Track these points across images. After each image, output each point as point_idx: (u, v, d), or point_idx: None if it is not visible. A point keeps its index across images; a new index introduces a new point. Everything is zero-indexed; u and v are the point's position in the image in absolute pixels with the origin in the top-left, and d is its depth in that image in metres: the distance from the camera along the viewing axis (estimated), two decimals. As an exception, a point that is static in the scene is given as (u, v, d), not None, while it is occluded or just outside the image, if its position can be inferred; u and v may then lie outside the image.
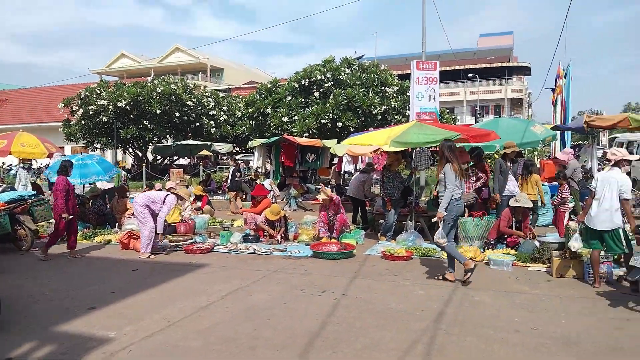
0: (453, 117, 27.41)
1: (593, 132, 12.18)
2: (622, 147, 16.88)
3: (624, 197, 5.80)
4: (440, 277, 6.39)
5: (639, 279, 5.09)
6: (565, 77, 16.85)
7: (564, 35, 32.29)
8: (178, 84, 25.54)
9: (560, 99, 17.31)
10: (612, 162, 6.18)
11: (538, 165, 12.76)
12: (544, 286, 6.08)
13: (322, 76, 20.43)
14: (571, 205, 10.70)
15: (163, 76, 27.52)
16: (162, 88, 24.39)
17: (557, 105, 17.77)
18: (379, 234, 9.54)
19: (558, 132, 13.78)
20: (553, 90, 19.03)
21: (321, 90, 20.46)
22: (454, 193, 6.15)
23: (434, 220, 7.04)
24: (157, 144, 24.43)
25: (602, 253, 6.18)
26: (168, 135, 26.19)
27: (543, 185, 9.82)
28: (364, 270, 6.96)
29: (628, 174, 6.80)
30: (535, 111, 58.43)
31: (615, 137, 20.45)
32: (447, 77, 49.50)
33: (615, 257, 6.56)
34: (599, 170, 9.42)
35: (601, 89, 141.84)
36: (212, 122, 26.99)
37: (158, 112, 23.85)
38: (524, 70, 55.58)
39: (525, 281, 6.31)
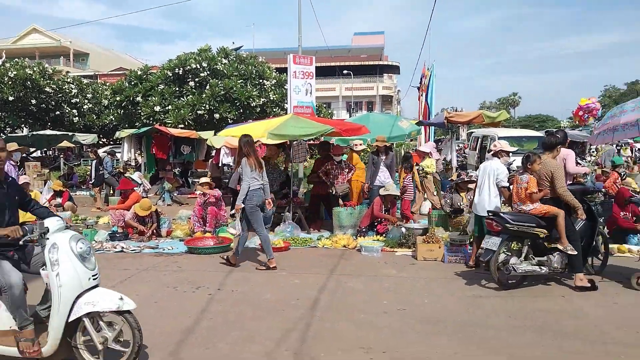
0: (330, 111, 28.27)
1: (453, 127, 13.32)
2: (477, 141, 18.81)
3: (501, 184, 6.42)
4: (264, 267, 6.58)
5: (490, 259, 5.62)
6: (429, 76, 18.21)
7: (428, 38, 34.86)
8: (35, 69, 23.04)
9: (424, 97, 18.68)
10: (492, 153, 6.78)
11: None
12: (409, 269, 6.51)
13: (198, 65, 19.77)
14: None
15: (16, 59, 24.59)
16: (15, 72, 21.81)
17: (422, 102, 19.14)
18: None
19: (422, 127, 14.83)
20: (419, 88, 20.47)
21: (197, 79, 19.79)
22: (251, 185, 6.41)
23: (231, 212, 7.34)
24: (10, 134, 21.80)
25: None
26: (23, 125, 23.50)
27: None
28: (241, 263, 6.87)
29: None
30: (403, 107, 62.63)
31: (472, 132, 22.60)
32: (323, 72, 50.82)
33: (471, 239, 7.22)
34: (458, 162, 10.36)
35: (462, 88, 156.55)
36: (74, 111, 24.78)
37: (10, 98, 21.30)
38: (394, 69, 59.13)
39: (393, 265, 6.70)
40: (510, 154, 6.82)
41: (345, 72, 49.41)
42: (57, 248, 3.46)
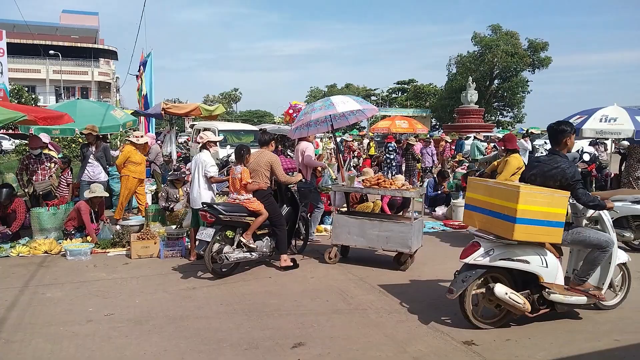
0: (34, 96, 24.45)
1: (172, 119, 13.11)
2: (199, 132, 19.04)
3: (208, 175, 6.47)
4: None
5: (204, 250, 5.70)
6: (146, 65, 17.51)
7: (146, 24, 33.54)
8: None
9: (143, 86, 17.90)
10: (201, 145, 6.75)
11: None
12: (122, 270, 6.11)
13: None
14: (154, 187, 11.23)
15: None
16: None
17: (140, 91, 18.31)
18: None
19: (140, 118, 14.17)
20: (137, 77, 19.50)
21: None
22: None
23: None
24: None
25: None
26: None
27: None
28: None
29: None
30: (124, 96, 58.85)
31: (194, 125, 22.82)
32: (24, 51, 43.75)
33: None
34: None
35: (186, 80, 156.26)
36: None
37: None
38: (111, 54, 54.94)
39: (104, 267, 6.18)
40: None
41: (52, 52, 43.43)
42: None
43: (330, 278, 5.83)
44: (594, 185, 11.95)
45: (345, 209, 7.54)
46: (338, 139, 21.49)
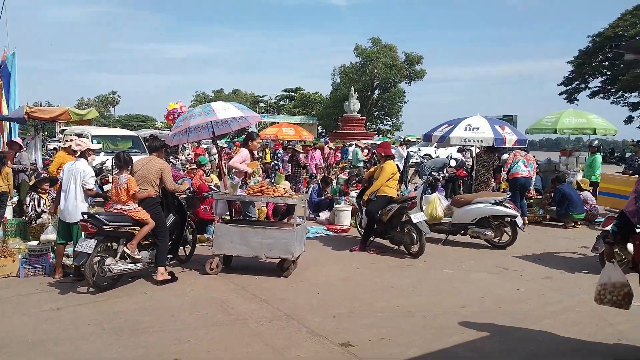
0: None
1: (38, 124, 12.00)
2: (70, 138, 17.56)
3: (86, 187, 5.94)
4: None
5: (85, 263, 5.22)
6: (10, 65, 15.79)
7: (6, 20, 30.16)
8: None
9: (3, 88, 16.11)
10: (79, 153, 6.17)
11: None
12: (-29, 293, 5.40)
13: None
14: (15, 199, 10.12)
15: None
16: None
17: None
18: None
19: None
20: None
21: None
22: None
23: None
24: None
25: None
26: None
27: None
28: None
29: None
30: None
31: (65, 130, 21.02)
32: None
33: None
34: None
35: (58, 83, 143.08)
36: None
37: None
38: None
39: (-52, 292, 5.42)
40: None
41: None
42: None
43: (211, 289, 5.67)
44: (462, 188, 13.05)
45: (229, 217, 7.41)
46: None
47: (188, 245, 6.83)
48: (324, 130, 58.10)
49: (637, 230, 3.56)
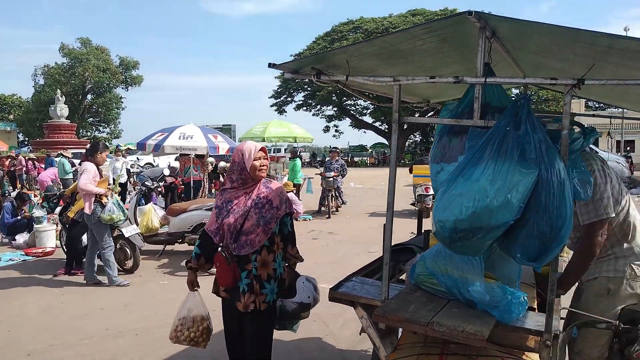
0: None
1: None
2: None
3: None
4: None
5: None
6: None
7: None
8: None
9: None
10: None
11: None
12: None
13: None
14: None
15: None
16: None
17: None
18: None
19: None
20: None
21: None
22: None
23: None
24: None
25: None
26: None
27: None
28: None
29: None
30: None
31: None
32: None
33: None
34: None
35: None
36: None
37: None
38: None
39: None
40: None
41: None
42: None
43: None
44: (182, 196, 13.08)
45: None
46: None
47: None
48: (27, 139, 50.29)
49: (219, 250, 2.91)
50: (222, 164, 14.19)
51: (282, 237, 2.95)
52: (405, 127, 41.68)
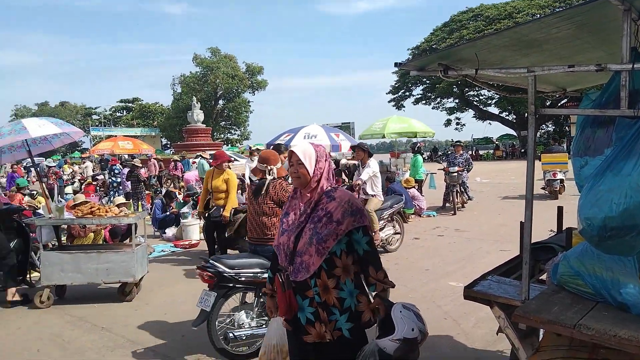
0: None
1: None
2: None
3: None
4: None
5: None
6: None
7: None
8: None
9: None
10: None
11: None
12: None
13: None
14: None
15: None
16: None
17: None
18: None
19: None
20: None
21: None
22: None
23: None
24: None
25: None
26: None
27: None
28: None
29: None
30: None
31: None
32: None
33: None
34: None
35: None
36: None
37: None
38: None
39: None
40: None
41: None
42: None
43: (43, 324, 5.14)
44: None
45: (56, 244, 6.76)
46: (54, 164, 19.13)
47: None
48: (169, 142, 55.88)
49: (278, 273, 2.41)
50: (343, 160, 14.46)
51: (357, 259, 2.29)
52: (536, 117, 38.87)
